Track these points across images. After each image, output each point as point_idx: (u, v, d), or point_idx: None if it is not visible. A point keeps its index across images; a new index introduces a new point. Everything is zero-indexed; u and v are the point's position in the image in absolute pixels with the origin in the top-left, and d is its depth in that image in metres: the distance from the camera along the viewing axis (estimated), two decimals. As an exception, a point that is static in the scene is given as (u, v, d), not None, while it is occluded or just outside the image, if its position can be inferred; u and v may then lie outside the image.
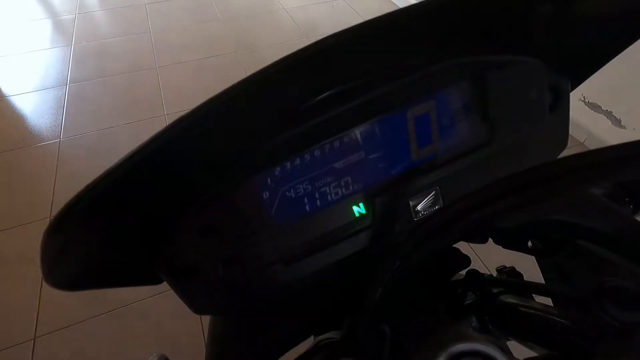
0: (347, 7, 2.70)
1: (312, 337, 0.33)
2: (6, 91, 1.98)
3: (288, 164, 0.24)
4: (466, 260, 0.37)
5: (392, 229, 0.28)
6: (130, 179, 0.19)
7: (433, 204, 0.28)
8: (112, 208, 0.20)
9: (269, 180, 0.24)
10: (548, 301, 0.30)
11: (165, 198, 0.23)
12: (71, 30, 2.45)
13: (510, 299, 0.32)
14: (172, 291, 0.26)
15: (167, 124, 0.18)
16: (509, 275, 0.37)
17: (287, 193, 0.25)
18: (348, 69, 0.23)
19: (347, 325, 0.25)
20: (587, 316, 0.22)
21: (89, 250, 0.22)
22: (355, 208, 0.27)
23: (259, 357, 0.28)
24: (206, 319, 1.15)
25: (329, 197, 0.26)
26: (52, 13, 2.66)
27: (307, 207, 0.26)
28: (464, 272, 0.37)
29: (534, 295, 0.32)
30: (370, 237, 0.27)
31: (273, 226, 0.25)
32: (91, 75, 2.09)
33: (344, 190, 0.26)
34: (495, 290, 0.33)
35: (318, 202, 0.26)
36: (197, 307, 0.27)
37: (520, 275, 0.37)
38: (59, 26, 2.52)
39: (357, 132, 0.25)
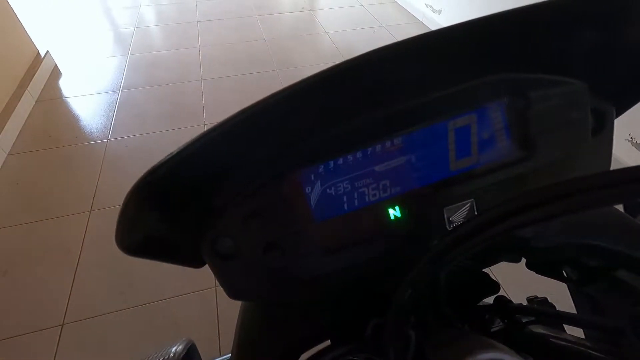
0: (387, 34, 2.76)
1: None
2: (66, 93, 2.17)
3: (332, 163, 0.26)
4: (495, 287, 0.36)
5: (425, 235, 0.28)
6: (202, 153, 0.21)
7: (468, 214, 0.28)
8: (180, 178, 0.23)
9: (312, 177, 0.26)
10: (580, 333, 0.29)
11: (220, 179, 0.25)
12: (129, 42, 2.67)
13: (540, 329, 0.31)
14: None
15: None
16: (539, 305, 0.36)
17: (327, 190, 0.26)
18: (396, 77, 0.24)
19: (373, 325, 0.26)
20: (620, 347, 0.21)
21: (153, 220, 0.25)
22: (391, 211, 0.28)
23: (284, 348, 0.29)
24: (224, 326, 1.16)
25: (366, 198, 0.27)
26: (114, 25, 2.92)
27: (346, 206, 0.27)
28: (491, 299, 0.37)
29: (565, 327, 0.31)
30: (402, 240, 0.28)
31: (312, 220, 0.27)
32: (142, 84, 2.24)
33: (382, 192, 0.27)
34: (524, 320, 0.32)
35: (356, 201, 0.27)
36: (234, 291, 0.28)
37: (552, 306, 0.36)
38: (118, 38, 2.75)
39: (400, 138, 0.26)
